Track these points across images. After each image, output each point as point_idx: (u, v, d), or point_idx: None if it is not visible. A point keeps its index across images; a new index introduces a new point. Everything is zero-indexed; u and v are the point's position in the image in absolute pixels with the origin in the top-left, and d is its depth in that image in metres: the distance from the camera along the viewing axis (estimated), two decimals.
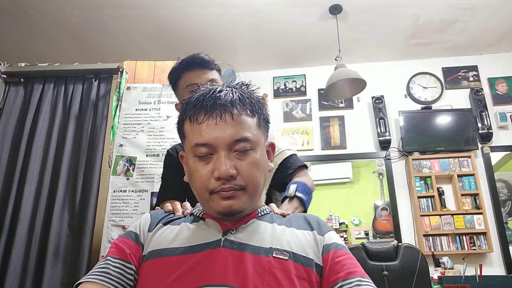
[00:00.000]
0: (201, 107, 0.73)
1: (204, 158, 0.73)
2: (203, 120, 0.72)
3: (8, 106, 2.22)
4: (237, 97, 0.74)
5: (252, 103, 0.76)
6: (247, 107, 0.75)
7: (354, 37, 3.32)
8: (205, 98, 0.74)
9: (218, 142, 0.71)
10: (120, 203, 2.06)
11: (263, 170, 0.77)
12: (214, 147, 0.72)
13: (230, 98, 0.73)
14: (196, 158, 0.74)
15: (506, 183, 3.35)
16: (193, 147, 0.73)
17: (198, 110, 0.74)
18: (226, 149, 0.71)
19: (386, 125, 3.42)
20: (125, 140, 2.16)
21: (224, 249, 0.71)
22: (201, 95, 0.75)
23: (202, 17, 3.04)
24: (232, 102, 0.73)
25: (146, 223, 0.81)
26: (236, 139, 0.72)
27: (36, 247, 1.95)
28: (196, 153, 0.73)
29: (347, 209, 3.61)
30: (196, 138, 0.73)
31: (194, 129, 0.74)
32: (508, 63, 3.58)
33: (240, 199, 0.73)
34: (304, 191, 1.20)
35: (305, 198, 1.19)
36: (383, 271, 1.92)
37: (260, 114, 0.78)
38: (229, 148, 0.72)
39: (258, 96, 0.80)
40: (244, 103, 0.75)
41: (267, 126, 0.81)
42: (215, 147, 0.71)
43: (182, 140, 0.80)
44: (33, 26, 3.13)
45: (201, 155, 0.73)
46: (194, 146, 0.73)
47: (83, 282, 0.70)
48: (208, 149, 0.72)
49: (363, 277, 0.69)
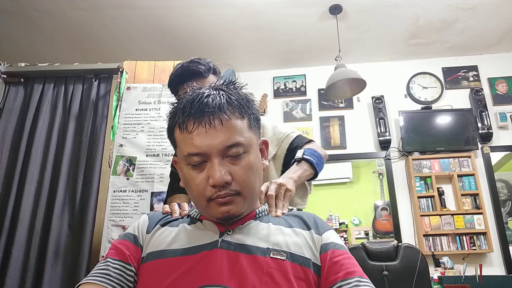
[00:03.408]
0: (189, 114, 0.72)
1: (197, 166, 0.72)
2: (193, 129, 0.71)
3: (8, 106, 2.22)
4: (225, 100, 0.73)
5: (240, 104, 0.75)
6: (236, 110, 0.74)
7: (354, 37, 3.32)
8: (193, 105, 0.72)
9: (210, 150, 0.70)
10: (120, 203, 2.06)
11: (258, 172, 0.77)
12: (206, 155, 0.71)
13: (218, 103, 0.72)
14: (190, 167, 0.73)
15: (506, 183, 3.35)
16: (186, 156, 0.73)
17: (187, 118, 0.72)
18: (219, 156, 0.71)
19: (386, 125, 3.42)
20: (125, 140, 2.16)
21: (221, 250, 0.71)
22: (188, 101, 0.73)
23: (202, 17, 3.04)
24: (220, 107, 0.71)
25: (144, 225, 0.81)
26: (228, 145, 0.71)
27: (36, 247, 1.95)
28: (189, 162, 0.73)
29: (347, 209, 3.61)
30: (188, 148, 0.72)
31: (185, 138, 0.73)
32: (508, 63, 3.58)
33: (237, 203, 0.73)
34: (312, 155, 1.18)
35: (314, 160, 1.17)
36: (383, 271, 1.92)
37: (250, 115, 0.77)
38: (222, 154, 0.71)
39: (246, 95, 0.79)
40: (232, 106, 0.73)
41: (258, 124, 0.80)
42: (208, 155, 0.71)
43: (174, 147, 0.80)
44: (33, 26, 3.13)
45: (195, 163, 0.72)
46: (186, 156, 0.73)
47: (84, 284, 0.70)
48: (201, 158, 0.71)
49: (361, 277, 0.69)
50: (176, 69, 1.36)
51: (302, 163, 1.16)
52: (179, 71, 1.34)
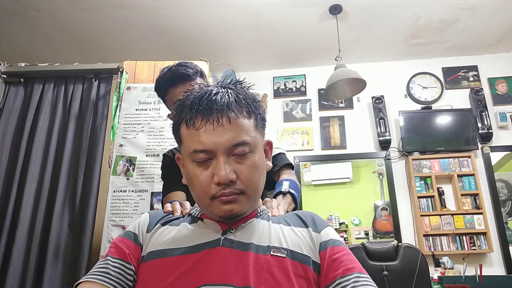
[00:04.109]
0: (197, 111, 0.72)
1: (203, 163, 0.72)
2: (201, 126, 0.71)
3: (8, 106, 2.22)
4: (233, 99, 0.73)
5: (248, 103, 0.75)
6: (243, 109, 0.74)
7: (354, 37, 3.32)
8: (201, 102, 0.72)
9: (217, 147, 0.70)
10: (120, 203, 2.06)
11: (262, 172, 0.77)
12: (212, 153, 0.71)
13: (226, 101, 0.72)
14: (194, 163, 0.73)
15: (506, 183, 3.35)
16: (191, 153, 0.72)
17: (194, 115, 0.72)
18: (225, 154, 0.71)
19: (386, 125, 3.42)
20: (125, 140, 2.16)
21: (223, 248, 0.71)
22: (196, 98, 0.73)
23: (202, 17, 3.04)
24: (228, 105, 0.71)
25: (145, 224, 0.81)
26: (235, 144, 0.71)
27: (36, 247, 1.95)
28: (194, 159, 0.73)
29: (347, 209, 3.60)
30: (194, 144, 0.72)
31: (192, 135, 0.72)
32: (508, 63, 3.58)
33: (241, 202, 0.73)
34: (295, 188, 1.22)
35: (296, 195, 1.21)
36: (383, 271, 1.92)
37: (257, 115, 0.77)
38: (227, 152, 0.71)
39: (253, 95, 0.79)
40: (240, 104, 0.73)
41: (263, 125, 0.80)
42: (214, 152, 0.71)
43: (178, 143, 0.79)
44: (33, 26, 3.13)
45: (200, 160, 0.72)
46: (192, 152, 0.72)
47: (83, 282, 0.70)
48: (207, 155, 0.71)
49: (361, 273, 0.70)
50: (164, 73, 1.36)
51: (287, 197, 1.18)
52: (168, 75, 1.34)
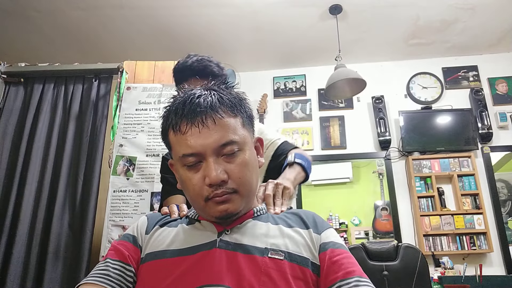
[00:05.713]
0: (182, 116, 0.73)
1: (193, 166, 0.73)
2: (187, 130, 0.72)
3: (8, 106, 2.22)
4: (216, 100, 0.73)
5: (232, 103, 0.75)
6: (228, 109, 0.74)
7: (354, 37, 3.32)
8: (185, 106, 0.73)
9: (205, 149, 0.71)
10: (120, 203, 2.06)
11: (254, 169, 0.77)
12: (201, 155, 0.71)
13: (209, 102, 0.72)
14: (185, 168, 0.74)
15: (506, 183, 3.35)
16: (181, 157, 0.73)
17: (179, 119, 0.73)
18: (214, 155, 0.71)
19: (386, 125, 3.42)
20: (125, 140, 2.16)
21: (219, 250, 0.71)
22: (180, 103, 0.74)
23: (202, 17, 3.04)
24: (212, 106, 0.72)
25: (143, 226, 0.81)
26: (222, 144, 0.71)
27: (36, 247, 1.95)
28: (184, 163, 0.73)
29: (347, 209, 3.61)
30: (182, 149, 0.72)
31: (179, 140, 0.73)
32: (508, 63, 3.58)
33: (235, 201, 0.73)
34: (301, 158, 1.20)
35: (304, 163, 1.19)
36: (383, 271, 1.92)
37: (242, 113, 0.77)
38: (216, 153, 0.71)
39: (238, 94, 0.79)
40: (224, 104, 0.74)
41: (251, 122, 0.81)
42: (203, 154, 0.71)
43: (168, 149, 0.80)
44: (33, 26, 3.13)
45: (190, 164, 0.73)
46: (181, 157, 0.73)
47: (83, 284, 0.71)
48: (196, 158, 0.72)
49: (361, 277, 0.69)
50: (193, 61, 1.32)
51: (294, 166, 1.17)
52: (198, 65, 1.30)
